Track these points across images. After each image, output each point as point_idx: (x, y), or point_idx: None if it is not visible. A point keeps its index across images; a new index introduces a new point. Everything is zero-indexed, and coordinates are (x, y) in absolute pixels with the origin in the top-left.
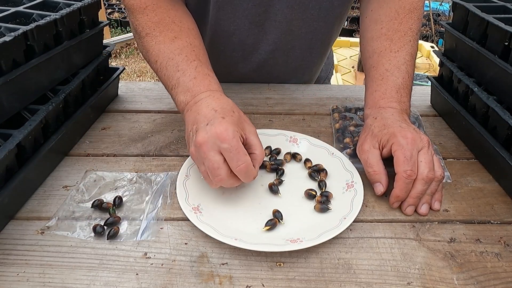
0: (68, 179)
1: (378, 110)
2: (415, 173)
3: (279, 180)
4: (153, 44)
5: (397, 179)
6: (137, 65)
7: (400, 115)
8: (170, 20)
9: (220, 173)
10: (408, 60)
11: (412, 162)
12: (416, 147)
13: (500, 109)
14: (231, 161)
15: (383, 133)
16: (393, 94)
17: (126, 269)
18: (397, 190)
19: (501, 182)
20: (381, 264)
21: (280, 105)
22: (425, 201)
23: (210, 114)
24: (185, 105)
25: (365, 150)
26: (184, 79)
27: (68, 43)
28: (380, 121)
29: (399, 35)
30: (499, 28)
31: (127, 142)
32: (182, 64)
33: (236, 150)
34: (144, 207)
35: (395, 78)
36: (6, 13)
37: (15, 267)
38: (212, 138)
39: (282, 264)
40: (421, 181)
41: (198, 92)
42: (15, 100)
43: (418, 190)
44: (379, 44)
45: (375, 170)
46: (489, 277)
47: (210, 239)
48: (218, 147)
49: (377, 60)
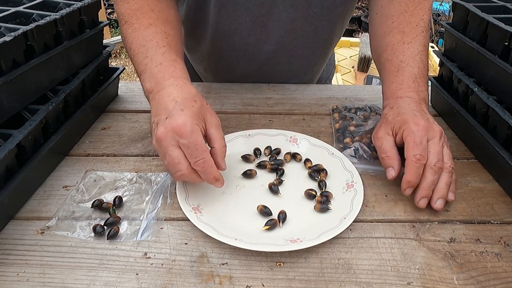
0: (68, 179)
1: (395, 100)
2: (424, 158)
3: (279, 180)
4: (130, 31)
5: (407, 164)
6: None
7: (418, 104)
8: (149, 8)
9: (181, 168)
10: (422, 50)
11: (422, 147)
12: (426, 135)
13: (500, 109)
14: (189, 157)
15: (396, 120)
16: (410, 84)
17: (126, 269)
18: (408, 175)
19: (501, 182)
20: (381, 264)
21: (280, 105)
22: (441, 196)
23: (170, 105)
24: (149, 93)
25: (379, 137)
26: (150, 65)
27: (68, 43)
28: (396, 110)
29: (411, 27)
30: (499, 28)
31: (127, 142)
32: (151, 50)
33: (194, 146)
34: (144, 207)
35: (411, 68)
36: (6, 13)
37: (15, 267)
38: (171, 133)
39: (282, 264)
40: (430, 170)
41: (161, 79)
42: (15, 100)
43: (429, 180)
44: (391, 38)
45: (388, 155)
46: (489, 277)
47: (210, 239)
48: (176, 142)
49: (391, 53)
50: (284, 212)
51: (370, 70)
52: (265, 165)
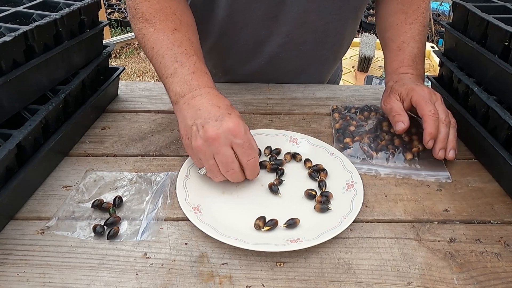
0: (68, 179)
1: (397, 75)
2: (437, 113)
3: (279, 180)
4: (151, 31)
5: (425, 119)
6: (137, 65)
7: (417, 79)
8: (171, 11)
9: (234, 167)
10: (422, 31)
11: (432, 105)
12: (432, 98)
13: (500, 109)
14: (242, 155)
15: (403, 89)
16: (410, 63)
17: (126, 269)
18: (429, 128)
19: (501, 182)
20: (381, 264)
21: (280, 105)
22: (452, 147)
23: (214, 110)
24: (180, 96)
25: (388, 102)
26: (182, 71)
27: (68, 43)
28: (400, 82)
29: (413, 9)
30: (499, 28)
31: (127, 142)
32: (180, 56)
33: (248, 145)
34: (144, 207)
35: (411, 48)
36: (6, 13)
37: (15, 267)
38: (225, 133)
39: (282, 264)
40: (442, 124)
41: (196, 86)
42: (15, 100)
43: (443, 133)
44: (395, 18)
45: (399, 113)
46: (489, 277)
47: (210, 239)
48: (230, 142)
49: (395, 32)
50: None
51: (370, 70)
52: (265, 165)
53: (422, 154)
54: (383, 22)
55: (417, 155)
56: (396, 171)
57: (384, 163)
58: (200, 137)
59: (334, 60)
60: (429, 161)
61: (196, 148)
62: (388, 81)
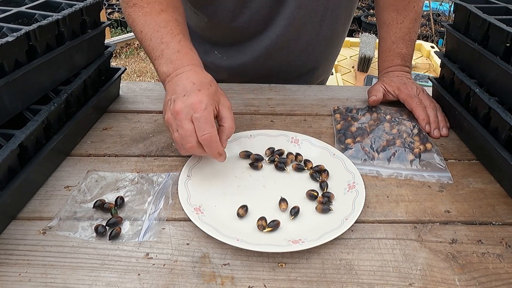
0: (69, 179)
1: (387, 73)
2: (423, 102)
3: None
4: (139, 14)
5: (415, 111)
6: (137, 65)
7: (404, 75)
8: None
9: (191, 140)
10: (412, 27)
11: (417, 98)
12: (415, 92)
13: (501, 110)
14: (198, 130)
15: (390, 84)
16: (399, 62)
17: (128, 269)
18: (420, 115)
19: (502, 183)
20: (383, 265)
21: (281, 106)
22: (443, 125)
23: (188, 86)
24: (166, 76)
25: (373, 88)
26: (167, 52)
27: (70, 44)
28: (389, 78)
29: (404, 4)
30: (500, 29)
31: (129, 143)
32: (166, 37)
33: (204, 119)
34: (146, 207)
35: (400, 49)
36: (8, 14)
37: (17, 267)
38: (187, 108)
39: (284, 265)
40: (429, 108)
41: (180, 65)
42: (17, 100)
43: (432, 115)
44: (387, 15)
45: (376, 90)
46: (491, 278)
47: (212, 240)
48: (190, 116)
49: (386, 31)
50: (297, 208)
51: (370, 70)
52: (272, 160)
53: (424, 155)
54: (377, 15)
55: (419, 156)
56: (397, 172)
57: (385, 164)
58: (170, 110)
59: (330, 46)
60: (430, 162)
61: (166, 121)
62: (379, 78)
